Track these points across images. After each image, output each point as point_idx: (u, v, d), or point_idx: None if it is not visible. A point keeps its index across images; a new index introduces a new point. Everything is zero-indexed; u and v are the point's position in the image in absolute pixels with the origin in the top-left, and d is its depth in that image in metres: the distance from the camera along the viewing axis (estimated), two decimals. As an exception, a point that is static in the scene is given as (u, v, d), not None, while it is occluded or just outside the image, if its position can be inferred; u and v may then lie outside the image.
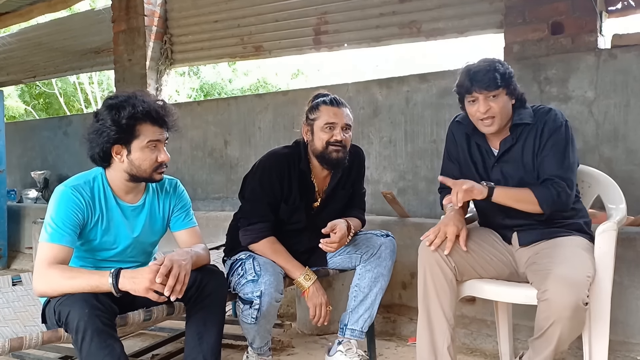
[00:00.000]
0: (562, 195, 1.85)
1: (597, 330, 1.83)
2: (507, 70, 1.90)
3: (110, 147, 1.80)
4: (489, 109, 1.88)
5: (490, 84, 1.86)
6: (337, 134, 2.15)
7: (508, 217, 1.99)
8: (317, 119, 2.18)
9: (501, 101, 1.89)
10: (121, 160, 1.82)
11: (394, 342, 2.73)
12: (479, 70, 1.87)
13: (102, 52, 5.64)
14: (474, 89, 1.88)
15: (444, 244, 1.90)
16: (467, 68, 1.92)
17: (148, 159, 1.82)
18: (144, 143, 1.81)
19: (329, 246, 2.13)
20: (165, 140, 1.87)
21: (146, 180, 1.89)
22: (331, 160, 2.17)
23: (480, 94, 1.88)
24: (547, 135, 1.91)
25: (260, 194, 2.19)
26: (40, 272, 1.69)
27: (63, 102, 13.61)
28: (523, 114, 1.96)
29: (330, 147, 2.15)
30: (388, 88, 3.62)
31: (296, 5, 4.29)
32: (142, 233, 1.95)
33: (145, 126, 1.80)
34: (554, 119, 1.92)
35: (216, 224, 3.58)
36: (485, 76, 1.86)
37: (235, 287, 2.08)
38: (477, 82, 1.87)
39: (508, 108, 1.92)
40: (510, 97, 1.92)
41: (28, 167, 5.97)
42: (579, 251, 1.83)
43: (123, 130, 1.78)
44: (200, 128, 4.59)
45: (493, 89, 1.86)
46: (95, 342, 1.54)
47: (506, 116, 1.93)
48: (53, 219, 1.75)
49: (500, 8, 3.31)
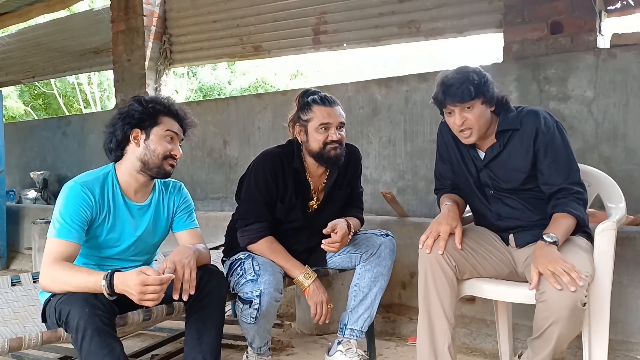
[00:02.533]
0: (585, 202, 1.90)
1: (596, 330, 1.83)
2: (483, 79, 1.88)
3: (131, 130, 1.88)
4: (465, 121, 1.89)
5: (464, 97, 1.86)
6: (333, 134, 2.15)
7: (500, 218, 2.00)
8: (310, 120, 2.17)
9: (477, 111, 1.89)
10: (137, 145, 1.89)
11: (394, 342, 2.73)
12: (452, 84, 1.87)
13: (101, 53, 5.63)
14: (448, 102, 1.90)
15: (437, 243, 1.90)
16: (441, 80, 1.92)
17: (163, 146, 1.90)
18: (163, 131, 1.91)
19: (331, 246, 2.13)
20: (180, 140, 1.98)
21: (156, 170, 1.91)
22: (330, 159, 2.17)
23: (455, 107, 1.89)
24: (543, 142, 1.90)
25: (256, 194, 2.19)
26: (46, 267, 1.71)
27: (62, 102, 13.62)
28: (508, 119, 1.95)
29: (328, 146, 2.15)
30: (387, 88, 3.62)
31: (295, 5, 4.29)
32: (146, 232, 1.96)
33: (167, 118, 1.93)
34: (545, 124, 1.91)
35: (215, 224, 3.58)
36: (459, 89, 1.85)
37: (234, 287, 2.08)
38: (450, 96, 1.88)
39: (486, 116, 1.92)
40: (488, 105, 1.91)
41: (27, 168, 5.97)
42: (577, 251, 1.83)
43: (148, 114, 1.89)
44: (200, 128, 4.52)
45: (466, 101, 1.87)
46: (95, 342, 1.54)
47: (485, 124, 1.92)
48: (62, 214, 1.76)
49: (500, 7, 3.31)
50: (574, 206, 1.86)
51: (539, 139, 1.90)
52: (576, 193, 1.88)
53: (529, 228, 1.96)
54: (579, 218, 1.85)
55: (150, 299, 1.59)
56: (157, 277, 1.59)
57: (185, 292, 1.75)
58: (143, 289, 1.58)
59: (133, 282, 1.58)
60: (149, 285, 1.58)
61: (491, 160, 1.98)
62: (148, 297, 1.59)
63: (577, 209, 1.86)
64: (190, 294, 1.77)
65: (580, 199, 1.88)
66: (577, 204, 1.87)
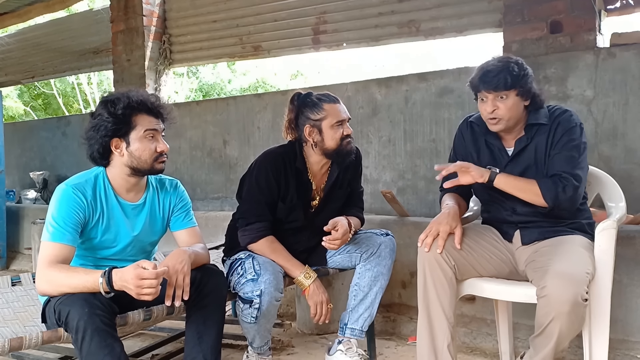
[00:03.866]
0: (567, 189, 1.83)
1: (597, 329, 1.83)
2: (523, 71, 1.88)
3: (109, 141, 1.82)
4: (495, 110, 1.89)
5: (499, 85, 1.85)
6: (346, 128, 2.20)
7: (515, 213, 1.99)
8: (324, 118, 2.18)
9: (510, 102, 1.88)
10: (121, 154, 1.84)
11: (394, 342, 2.73)
12: (491, 70, 1.87)
13: (100, 53, 5.64)
14: (482, 88, 1.89)
15: (436, 242, 1.90)
16: (481, 66, 1.92)
17: (147, 149, 1.84)
18: (142, 133, 1.83)
19: (331, 243, 2.13)
20: (162, 131, 1.89)
21: (148, 172, 1.89)
22: (348, 152, 2.21)
23: (489, 94, 1.88)
24: (559, 135, 1.90)
25: (257, 194, 2.19)
26: (42, 271, 1.70)
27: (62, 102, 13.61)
28: (539, 114, 1.95)
29: (344, 141, 2.19)
30: (387, 87, 3.62)
31: (295, 4, 4.29)
32: (142, 232, 1.95)
33: (141, 116, 1.84)
34: (568, 119, 1.92)
35: (215, 224, 3.58)
36: (496, 77, 1.85)
37: (235, 287, 2.08)
38: (485, 82, 1.87)
39: (518, 109, 1.91)
40: (523, 98, 1.91)
41: (27, 168, 5.97)
42: (578, 249, 1.83)
43: (120, 121, 1.80)
44: (199, 128, 4.58)
45: (501, 90, 1.86)
46: (95, 342, 1.54)
47: (515, 117, 1.92)
48: (54, 217, 1.75)
49: (499, 7, 3.31)
50: (545, 181, 1.85)
51: (559, 129, 1.91)
52: (563, 178, 1.83)
53: (538, 224, 1.95)
54: (541, 187, 1.83)
55: (147, 292, 1.59)
56: (153, 271, 1.60)
57: (177, 298, 1.74)
58: (140, 282, 1.58)
59: (130, 276, 1.59)
60: (145, 279, 1.58)
61: (519, 152, 1.96)
62: (145, 291, 1.59)
63: (547, 185, 1.83)
64: (183, 299, 1.75)
65: (563, 183, 1.83)
66: (553, 183, 1.84)
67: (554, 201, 1.84)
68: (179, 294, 1.75)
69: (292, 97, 2.27)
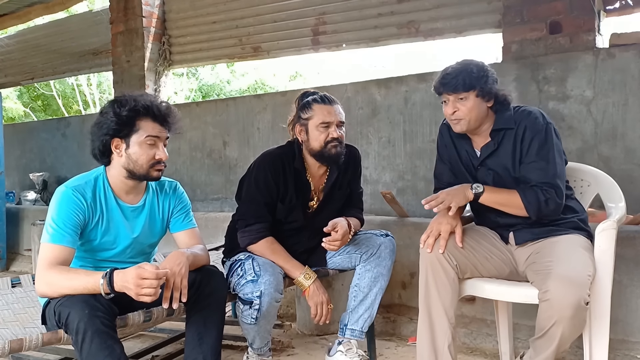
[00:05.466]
0: (550, 202, 1.85)
1: (597, 329, 1.83)
2: (482, 73, 1.90)
3: (110, 140, 1.83)
4: (455, 111, 1.92)
5: (457, 87, 1.88)
6: (333, 132, 2.16)
7: (500, 216, 2.00)
8: (310, 118, 2.18)
9: (470, 103, 1.90)
10: (120, 155, 1.84)
11: (394, 342, 2.73)
12: (449, 73, 1.91)
13: (100, 54, 5.64)
14: (443, 90, 1.93)
15: (438, 242, 1.90)
16: (443, 69, 1.96)
17: (145, 154, 1.83)
18: (142, 138, 1.83)
19: (331, 244, 2.13)
20: (165, 140, 1.89)
21: (144, 178, 1.89)
22: (331, 157, 2.18)
23: (450, 96, 1.92)
24: (528, 141, 1.90)
25: (256, 195, 2.19)
26: (41, 273, 1.70)
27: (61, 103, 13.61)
28: (504, 118, 1.96)
29: (329, 144, 2.16)
30: (387, 88, 3.62)
31: (294, 5, 4.29)
32: (142, 234, 1.95)
33: (145, 121, 1.83)
34: (534, 122, 1.91)
35: (215, 225, 3.59)
36: (454, 79, 1.88)
37: (234, 288, 2.08)
38: (444, 85, 1.91)
39: (480, 110, 1.93)
40: (484, 99, 1.92)
41: (26, 169, 5.96)
42: (579, 250, 1.83)
43: (123, 123, 1.81)
44: (199, 129, 4.59)
45: (460, 92, 1.89)
46: (96, 343, 1.54)
47: (477, 118, 1.93)
48: (54, 219, 1.75)
49: (499, 8, 3.31)
50: (527, 193, 1.86)
51: (527, 135, 1.91)
52: (545, 191, 1.84)
53: (528, 226, 1.96)
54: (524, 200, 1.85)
55: (146, 293, 1.59)
56: (154, 272, 1.60)
57: (175, 300, 1.74)
58: (140, 282, 1.58)
59: (131, 276, 1.59)
60: (145, 279, 1.58)
61: (486, 158, 1.98)
62: (145, 292, 1.59)
63: (529, 199, 1.85)
64: (181, 301, 1.75)
65: (545, 196, 1.84)
66: (535, 196, 1.85)
67: (537, 214, 1.88)
68: (177, 296, 1.74)
69: (299, 96, 2.28)
